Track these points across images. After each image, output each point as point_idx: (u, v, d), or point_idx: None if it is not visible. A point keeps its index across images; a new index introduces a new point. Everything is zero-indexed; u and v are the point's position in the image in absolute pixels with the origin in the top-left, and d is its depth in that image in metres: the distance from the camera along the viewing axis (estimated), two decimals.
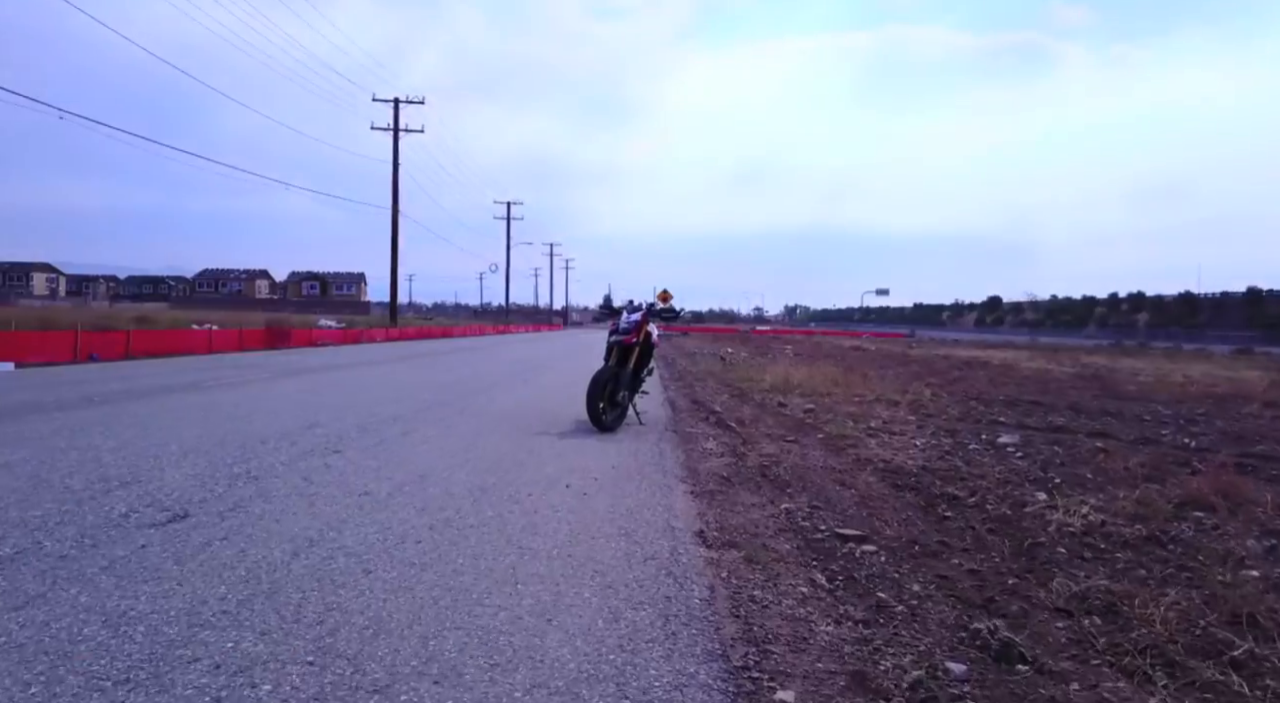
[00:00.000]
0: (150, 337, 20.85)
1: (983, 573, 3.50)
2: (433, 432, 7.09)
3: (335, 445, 6.16)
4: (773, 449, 6.75)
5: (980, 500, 4.86)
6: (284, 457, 5.62)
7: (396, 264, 43.70)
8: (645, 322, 7.82)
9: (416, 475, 5.11)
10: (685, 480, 5.35)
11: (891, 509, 4.70)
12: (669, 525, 4.09)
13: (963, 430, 7.92)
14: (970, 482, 5.49)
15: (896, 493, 5.18)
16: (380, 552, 3.44)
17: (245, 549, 3.39)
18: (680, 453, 6.49)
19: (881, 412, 9.48)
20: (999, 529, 4.22)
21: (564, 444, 6.65)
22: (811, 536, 4.03)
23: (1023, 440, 7.11)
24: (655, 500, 4.66)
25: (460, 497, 4.55)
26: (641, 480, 5.26)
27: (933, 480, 5.51)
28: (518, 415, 8.44)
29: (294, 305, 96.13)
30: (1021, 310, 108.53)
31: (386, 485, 4.78)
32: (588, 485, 5.01)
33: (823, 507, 4.65)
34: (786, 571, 3.44)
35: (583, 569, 3.32)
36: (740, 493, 5.01)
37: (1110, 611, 2.99)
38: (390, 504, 4.31)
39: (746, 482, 5.39)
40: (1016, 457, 6.49)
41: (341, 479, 4.91)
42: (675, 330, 67.21)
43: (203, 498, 4.28)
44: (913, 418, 9.02)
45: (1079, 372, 18.36)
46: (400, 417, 8.03)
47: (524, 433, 7.19)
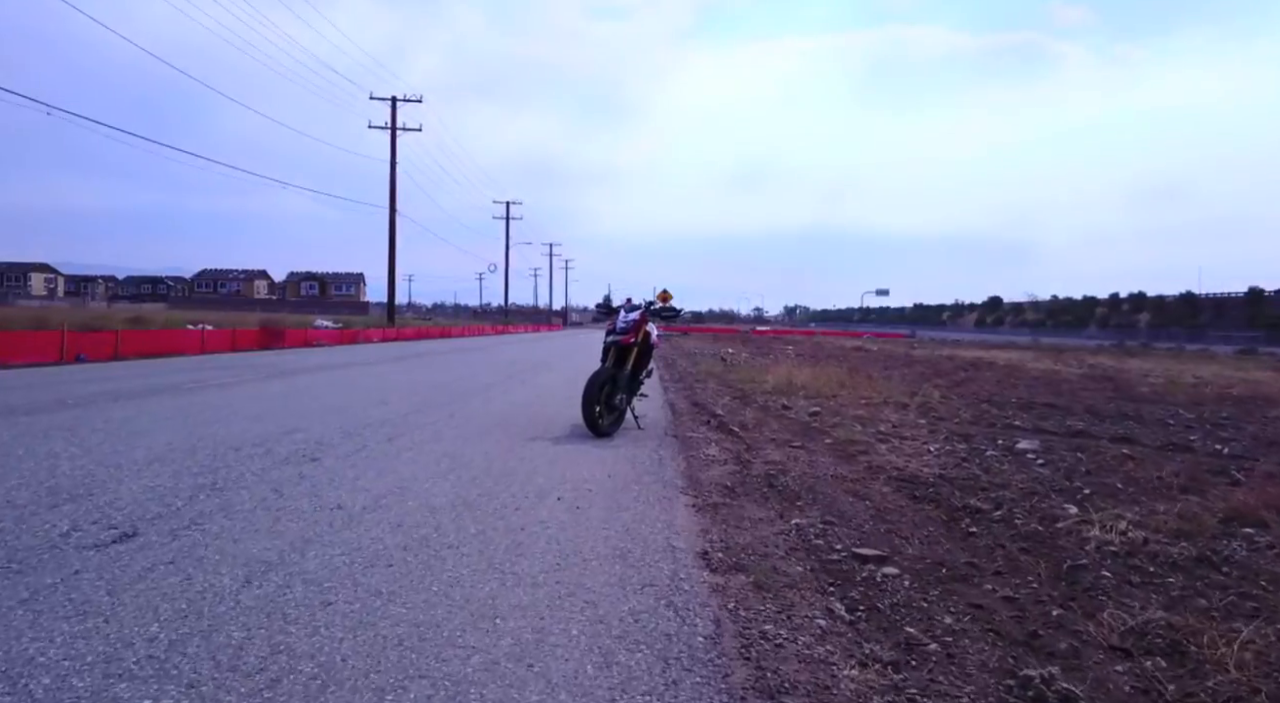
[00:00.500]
0: (141, 337, 20.47)
1: (1021, 601, 3.12)
2: (419, 437, 6.71)
3: (314, 453, 5.78)
4: (779, 456, 6.38)
5: (1006, 514, 4.48)
6: (256, 466, 5.24)
7: (394, 264, 43.36)
8: (644, 321, 7.44)
9: (396, 487, 4.73)
10: (686, 492, 4.97)
11: (911, 524, 4.32)
12: (669, 545, 3.71)
13: (977, 435, 7.54)
14: (992, 492, 5.10)
15: (914, 505, 4.80)
16: (344, 578, 3.05)
17: (191, 576, 3.01)
18: (681, 460, 6.11)
19: (890, 415, 9.10)
20: (1032, 548, 3.83)
21: (558, 451, 6.27)
22: (826, 556, 3.65)
23: (1043, 446, 6.73)
24: (654, 515, 4.28)
25: (441, 512, 4.17)
26: (639, 492, 4.88)
27: (952, 491, 5.13)
28: (511, 420, 8.06)
29: (292, 306, 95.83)
30: (1022, 311, 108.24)
31: (362, 498, 4.40)
32: (581, 498, 4.63)
33: (836, 522, 4.27)
34: (801, 599, 3.06)
35: (571, 599, 2.93)
36: (746, 506, 4.63)
37: (1175, 650, 2.62)
38: (363, 520, 3.93)
39: (752, 493, 5.01)
40: (1038, 464, 6.11)
41: (314, 491, 4.53)
42: (675, 331, 66.87)
43: (157, 514, 3.90)
44: (923, 421, 8.64)
45: (1087, 373, 17.97)
46: (388, 421, 7.65)
47: (516, 439, 6.81)
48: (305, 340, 27.65)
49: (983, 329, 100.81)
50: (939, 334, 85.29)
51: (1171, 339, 62.33)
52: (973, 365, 20.41)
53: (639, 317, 7.39)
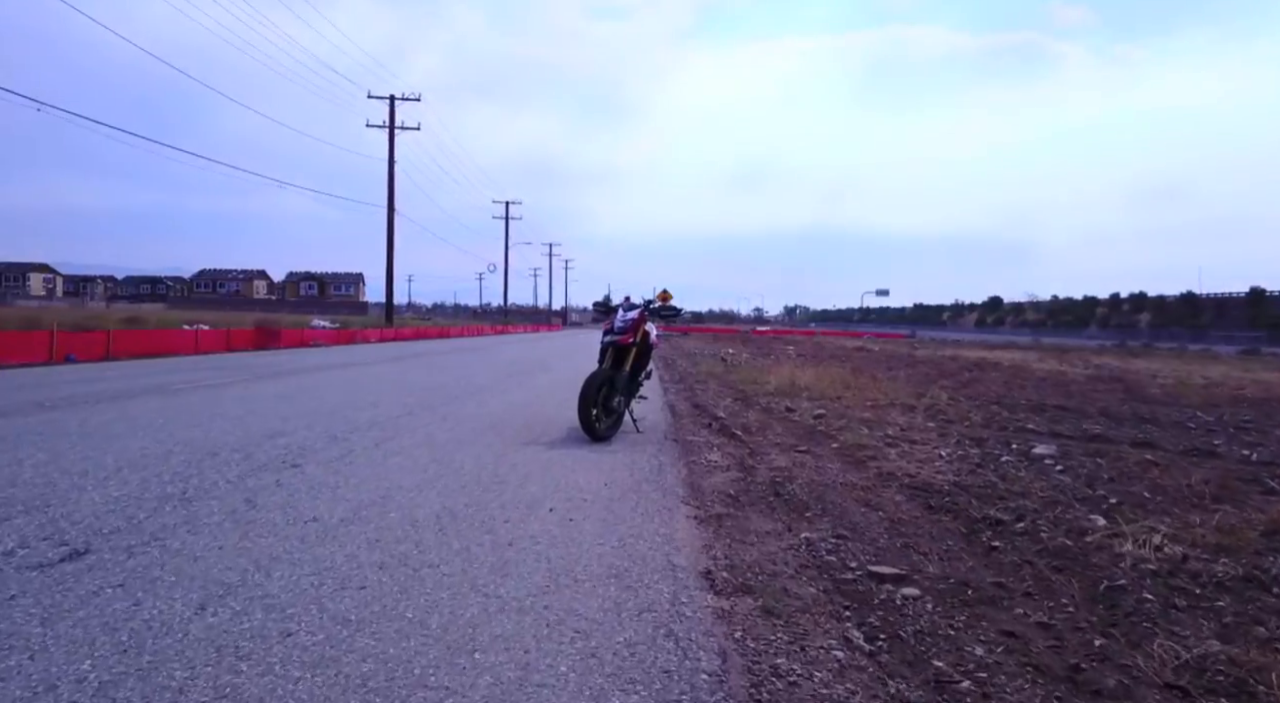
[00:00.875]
0: (134, 337, 20.19)
1: (1058, 628, 2.83)
2: (409, 441, 6.42)
3: (295, 458, 5.48)
4: (784, 462, 6.08)
5: (1030, 526, 4.18)
6: (232, 473, 4.94)
7: (392, 263, 43.06)
8: (643, 320, 7.14)
9: (379, 496, 4.44)
10: (688, 501, 4.67)
11: (928, 537, 4.03)
12: (669, 563, 3.41)
13: (990, 439, 7.24)
14: (1011, 501, 4.81)
15: (930, 516, 4.51)
16: (310, 603, 2.76)
17: (141, 601, 2.72)
18: (681, 467, 5.82)
19: (898, 418, 8.81)
20: (1062, 565, 3.54)
21: (552, 457, 5.97)
22: (840, 575, 3.35)
23: (1060, 452, 6.44)
24: (653, 528, 3.99)
25: (424, 525, 3.87)
26: (638, 502, 4.58)
27: (969, 500, 4.84)
28: (505, 422, 7.76)
29: (292, 306, 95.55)
30: (1022, 311, 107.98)
31: (341, 509, 4.10)
32: (575, 509, 4.34)
33: (849, 535, 3.98)
34: (815, 626, 2.77)
35: (560, 628, 2.64)
36: (751, 517, 4.33)
37: (1240, 690, 2.32)
38: (339, 535, 3.64)
39: (757, 502, 4.72)
40: (1056, 470, 5.81)
41: (290, 502, 4.24)
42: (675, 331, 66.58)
43: (115, 528, 3.61)
44: (932, 425, 8.35)
45: (1094, 374, 17.67)
46: (377, 423, 7.36)
47: (509, 443, 6.51)
48: (302, 341, 27.37)
49: (983, 329, 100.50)
50: (939, 334, 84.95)
51: (1173, 339, 62.05)
52: (977, 366, 20.11)
53: (637, 316, 7.09)
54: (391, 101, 42.70)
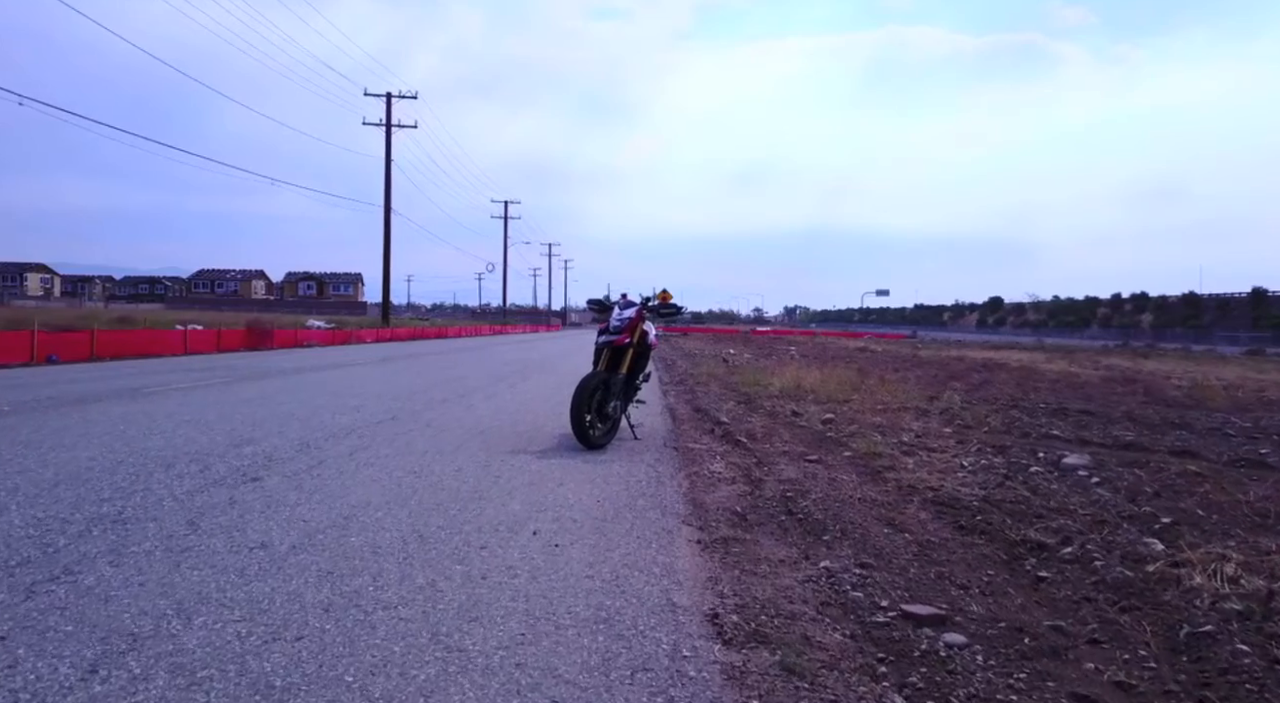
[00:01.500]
0: (120, 337, 19.68)
1: (1143, 692, 2.32)
2: (386, 450, 5.92)
3: (258, 470, 4.98)
4: (794, 472, 5.58)
5: (1079, 552, 3.68)
6: (184, 487, 4.44)
7: (389, 262, 42.60)
8: (640, 319, 6.63)
9: (342, 516, 3.93)
10: (689, 521, 4.17)
11: (964, 565, 3.53)
12: (668, 601, 2.91)
13: (1013, 447, 6.74)
14: (1050, 520, 4.31)
15: (962, 538, 4.01)
16: (229, 662, 2.26)
17: (19, 663, 2.21)
18: (682, 479, 5.31)
19: (911, 422, 8.30)
20: (1126, 602, 3.04)
21: (540, 467, 5.47)
22: (870, 616, 2.85)
23: (1094, 462, 5.93)
24: (650, 556, 3.48)
25: (387, 552, 3.37)
26: (633, 522, 4.07)
27: (1003, 518, 4.34)
28: (493, 428, 7.26)
29: (290, 306, 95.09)
30: (1023, 311, 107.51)
31: (295, 533, 3.60)
32: (562, 531, 3.83)
33: (874, 563, 3.47)
34: (847, 689, 2.27)
35: (534, 694, 2.14)
36: (762, 541, 3.83)
37: None
38: (286, 566, 3.13)
39: (768, 522, 4.22)
40: (1093, 483, 5.31)
41: (239, 523, 3.73)
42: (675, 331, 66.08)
43: (24, 559, 3.11)
44: (949, 430, 7.84)
45: (1107, 375, 17.17)
46: (355, 429, 6.86)
47: (495, 452, 6.01)
48: (295, 341, 26.89)
49: (984, 330, 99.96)
50: (941, 335, 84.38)
51: (1176, 340, 61.61)
52: (985, 367, 19.61)
53: (635, 314, 6.59)
54: (388, 99, 42.23)
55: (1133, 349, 45.78)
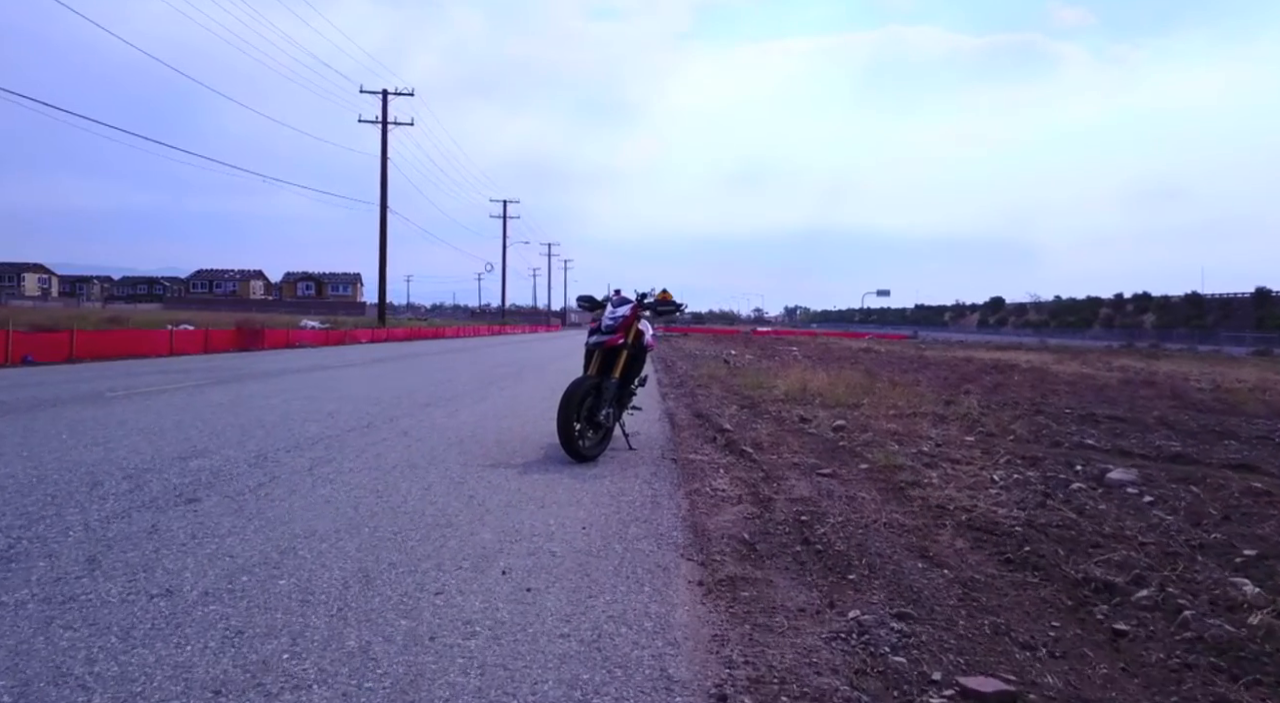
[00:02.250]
0: (102, 338, 19.07)
1: None
2: (351, 464, 5.30)
3: (199, 489, 4.37)
4: (806, 489, 4.97)
5: (1158, 596, 3.06)
6: (102, 512, 3.83)
7: (384, 261, 41.96)
8: (635, 318, 6.02)
9: (277, 550, 3.32)
10: (689, 554, 3.55)
11: (1022, 614, 2.91)
12: (662, 674, 2.29)
13: (1047, 459, 6.12)
14: (1109, 549, 3.70)
15: (1011, 575, 3.39)
16: None
17: None
18: (681, 498, 4.70)
19: (929, 430, 7.68)
20: (1239, 669, 2.42)
21: (521, 485, 4.85)
22: (920, 697, 2.23)
23: (1141, 477, 5.31)
24: (641, 605, 2.86)
25: (320, 600, 2.75)
26: (623, 556, 3.46)
27: (1053, 548, 3.72)
28: (476, 437, 6.65)
29: (288, 306, 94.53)
30: (1025, 311, 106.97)
31: (214, 574, 2.98)
32: (538, 569, 3.21)
33: (913, 612, 2.86)
34: None
35: None
36: (776, 581, 3.21)
37: None
38: (188, 622, 2.52)
39: (781, 553, 3.60)
40: (1145, 502, 4.70)
41: (150, 561, 3.12)
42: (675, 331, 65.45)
43: None
44: (971, 439, 7.22)
45: (1124, 377, 16.55)
46: (323, 439, 6.25)
47: (473, 465, 5.40)
48: (287, 341, 26.28)
49: (985, 330, 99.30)
50: (942, 335, 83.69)
51: (1179, 340, 61.04)
52: (995, 368, 18.99)
53: (629, 312, 5.97)
54: (385, 96, 41.63)
55: (1138, 350, 45.16)
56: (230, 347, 22.62)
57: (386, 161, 41.17)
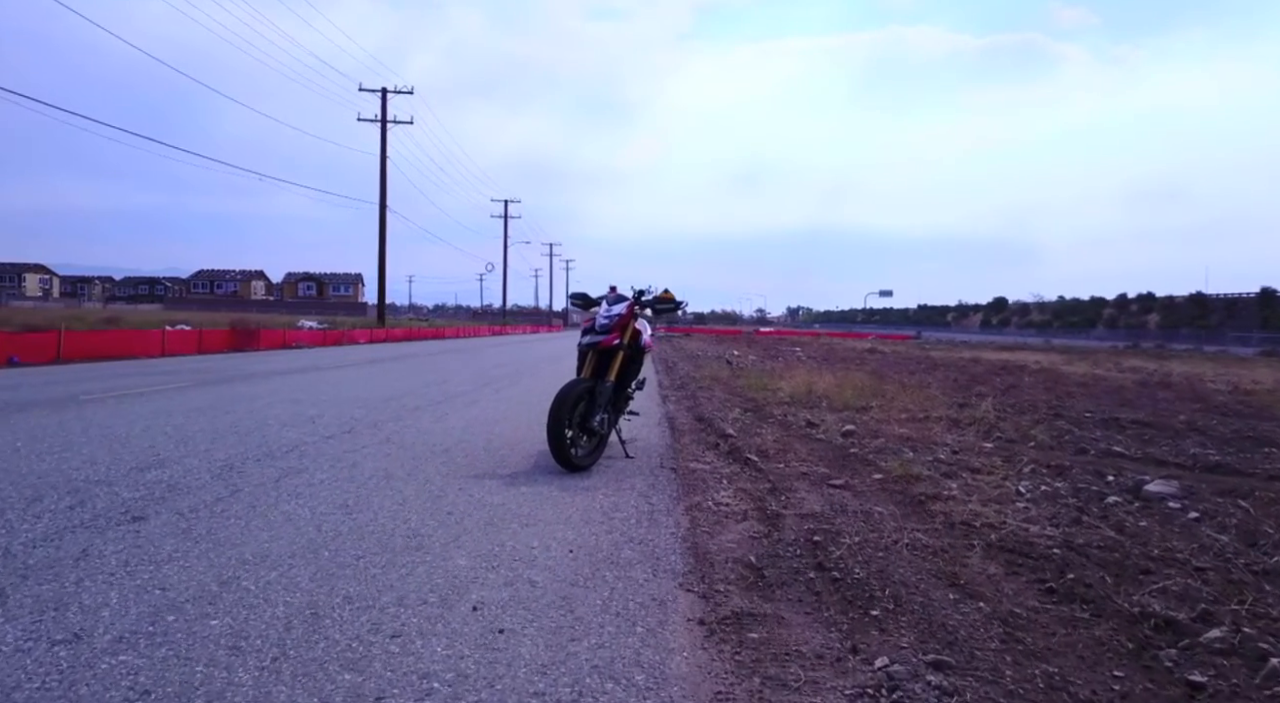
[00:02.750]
0: (93, 338, 18.69)
1: None
2: (324, 474, 4.90)
3: (147, 506, 3.96)
4: (818, 503, 4.55)
5: (1233, 637, 2.64)
6: (32, 533, 3.42)
7: (384, 261, 41.57)
8: (631, 316, 5.60)
9: (218, 580, 2.91)
10: (689, 584, 3.13)
11: (1078, 661, 2.49)
12: None
13: (1074, 468, 5.69)
14: (1162, 576, 3.28)
15: (1057, 608, 2.97)
16: None
17: None
18: (681, 514, 4.28)
19: (944, 435, 7.26)
20: None
21: (506, 499, 4.43)
22: None
23: (1182, 489, 4.89)
24: (632, 651, 2.44)
25: (253, 647, 2.34)
26: (614, 587, 3.04)
27: (1099, 575, 3.30)
28: (462, 444, 6.24)
29: (289, 306, 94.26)
30: (1028, 311, 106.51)
31: (135, 612, 2.57)
32: (514, 604, 2.80)
33: (950, 659, 2.44)
34: None
35: None
36: (788, 617, 2.79)
37: None
38: (86, 678, 2.11)
39: (792, 581, 3.18)
40: (1191, 519, 4.27)
41: (67, 594, 2.71)
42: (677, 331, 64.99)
43: None
44: (990, 446, 6.80)
45: (1138, 378, 16.10)
46: (299, 446, 5.84)
47: (456, 476, 4.98)
48: (283, 342, 25.91)
49: (988, 330, 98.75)
50: (945, 335, 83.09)
51: (1184, 340, 60.54)
52: (1004, 369, 18.54)
53: (625, 310, 5.55)
54: (384, 94, 41.27)
55: (1144, 350, 44.65)
56: (225, 347, 22.25)
57: (386, 160, 40.82)
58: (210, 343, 21.86)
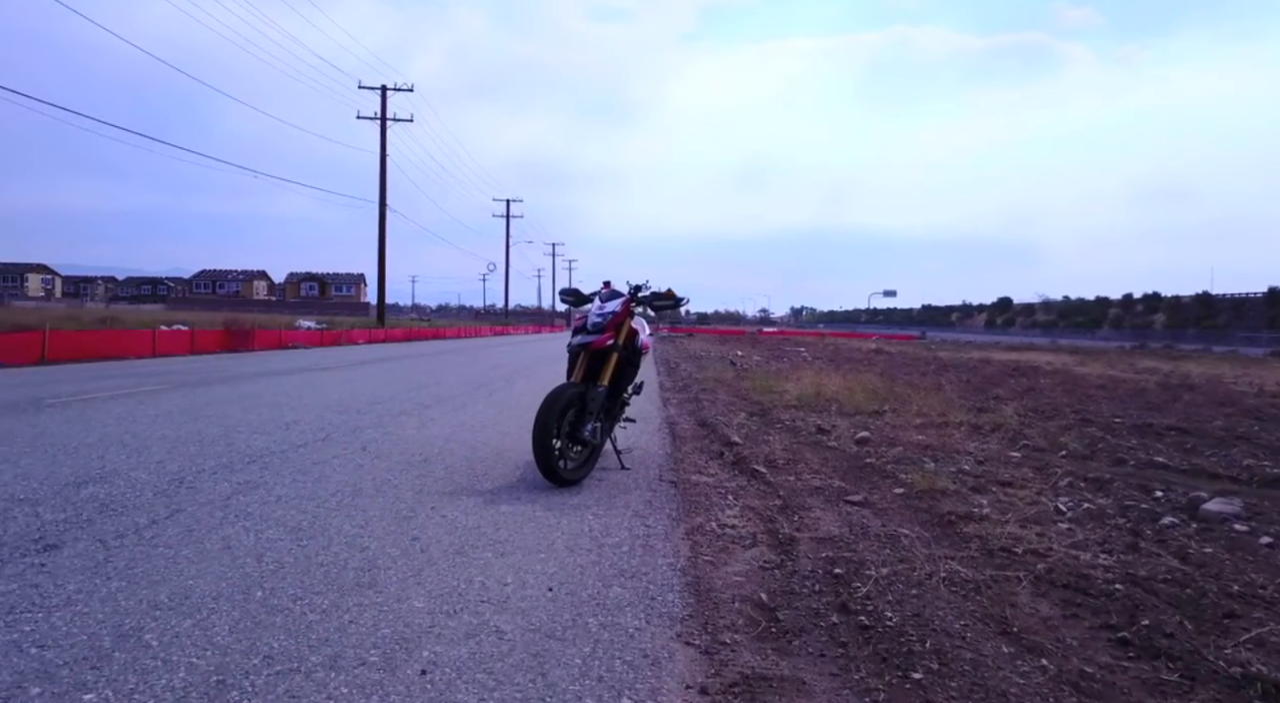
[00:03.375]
0: (80, 338, 18.18)
1: None
2: (284, 490, 4.38)
3: (71, 529, 3.46)
4: (835, 523, 4.03)
5: None
6: None
7: (384, 259, 41.10)
8: (626, 314, 5.08)
9: (117, 631, 2.39)
10: (687, 634, 2.60)
11: None
12: None
13: (1115, 482, 5.16)
14: (1249, 620, 2.77)
15: (1133, 665, 2.45)
16: None
17: None
18: (680, 539, 3.75)
19: (965, 442, 6.73)
20: None
21: (481, 521, 3.91)
22: None
23: (1245, 508, 4.35)
24: None
25: None
26: (598, 640, 2.51)
27: (1177, 619, 2.78)
28: (443, 454, 5.72)
29: (291, 306, 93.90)
30: (1033, 312, 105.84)
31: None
32: (473, 665, 2.27)
33: None
34: None
35: None
36: (810, 682, 2.26)
37: None
38: None
39: (812, 629, 2.66)
40: (1264, 545, 3.74)
41: None
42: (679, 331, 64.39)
43: None
44: (1017, 454, 6.27)
45: (1161, 380, 15.53)
46: (263, 456, 5.33)
47: (430, 492, 4.47)
48: (279, 342, 25.42)
49: (993, 330, 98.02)
50: (950, 336, 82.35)
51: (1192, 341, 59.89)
52: (1017, 370, 17.98)
53: (620, 308, 5.02)
54: (383, 91, 40.80)
55: (1153, 351, 43.98)
56: (219, 348, 21.77)
57: (385, 158, 40.34)
58: (203, 343, 21.39)
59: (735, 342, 41.18)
